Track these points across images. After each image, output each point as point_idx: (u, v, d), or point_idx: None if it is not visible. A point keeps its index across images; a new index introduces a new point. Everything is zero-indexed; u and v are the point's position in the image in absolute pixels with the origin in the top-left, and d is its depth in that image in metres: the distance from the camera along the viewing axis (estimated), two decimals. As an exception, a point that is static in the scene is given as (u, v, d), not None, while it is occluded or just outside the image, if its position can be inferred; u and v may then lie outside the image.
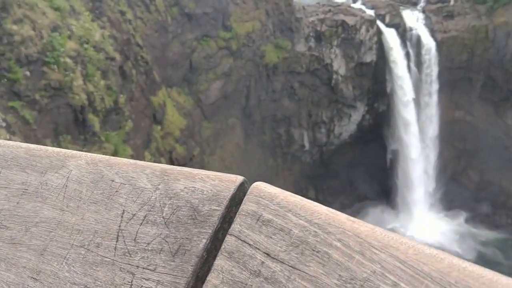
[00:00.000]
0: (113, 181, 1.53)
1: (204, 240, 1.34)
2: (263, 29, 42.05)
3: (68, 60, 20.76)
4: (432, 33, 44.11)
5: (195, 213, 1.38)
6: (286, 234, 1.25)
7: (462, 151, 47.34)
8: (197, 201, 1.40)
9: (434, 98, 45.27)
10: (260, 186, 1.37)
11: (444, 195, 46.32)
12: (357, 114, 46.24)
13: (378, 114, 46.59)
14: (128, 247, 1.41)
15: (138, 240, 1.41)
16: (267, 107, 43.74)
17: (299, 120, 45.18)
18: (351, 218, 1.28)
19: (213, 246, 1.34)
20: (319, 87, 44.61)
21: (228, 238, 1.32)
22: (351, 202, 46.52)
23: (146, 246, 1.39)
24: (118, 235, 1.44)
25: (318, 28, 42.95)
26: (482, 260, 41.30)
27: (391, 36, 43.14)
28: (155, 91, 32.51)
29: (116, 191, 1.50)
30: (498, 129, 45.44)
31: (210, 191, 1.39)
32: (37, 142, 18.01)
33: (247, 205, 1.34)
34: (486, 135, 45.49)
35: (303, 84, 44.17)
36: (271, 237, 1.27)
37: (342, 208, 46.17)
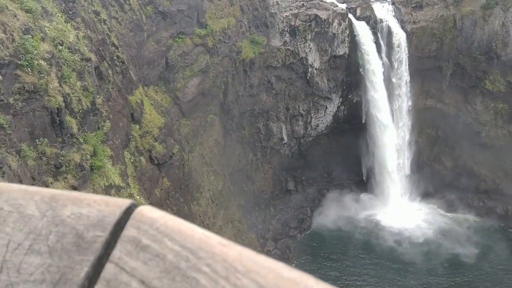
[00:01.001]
0: (1, 209, 1.49)
1: (86, 268, 1.31)
2: (239, 25, 42.23)
3: (42, 62, 20.49)
4: (402, 24, 45.02)
5: (80, 240, 1.36)
6: (161, 260, 1.27)
7: (435, 138, 48.64)
8: (83, 227, 1.38)
9: (405, 86, 46.32)
10: (143, 211, 1.39)
11: (419, 182, 47.56)
12: (333, 106, 47.06)
13: (352, 105, 47.51)
14: (11, 279, 1.37)
15: (21, 271, 1.38)
16: (245, 102, 43.97)
17: (277, 113, 45.66)
18: (223, 241, 1.29)
19: (96, 273, 1.31)
20: (295, 80, 45.15)
21: (108, 265, 1.31)
22: (329, 191, 47.41)
23: (29, 277, 1.36)
24: (2, 267, 1.40)
25: (292, 23, 43.42)
26: (461, 242, 42.67)
27: (362, 29, 43.89)
28: (132, 90, 32.44)
29: (4, 220, 1.47)
30: (468, 115, 46.82)
31: (95, 216, 1.39)
32: (13, 147, 17.90)
33: (128, 231, 1.35)
34: (457, 121, 46.82)
35: (279, 78, 44.61)
36: (147, 264, 1.27)
37: (319, 197, 46.98)
